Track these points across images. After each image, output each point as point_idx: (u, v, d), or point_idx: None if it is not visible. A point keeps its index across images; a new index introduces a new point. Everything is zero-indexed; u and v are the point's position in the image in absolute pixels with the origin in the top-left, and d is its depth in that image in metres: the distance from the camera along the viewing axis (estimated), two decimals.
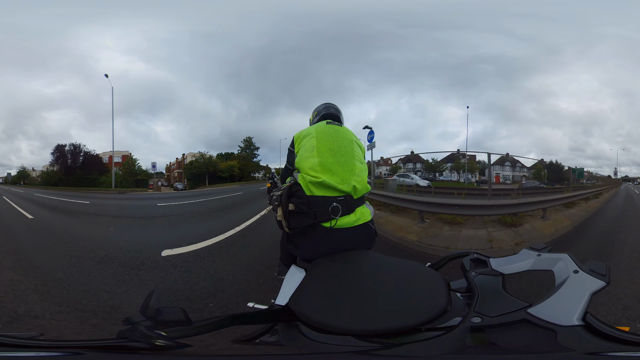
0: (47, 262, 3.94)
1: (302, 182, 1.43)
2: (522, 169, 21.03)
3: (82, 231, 6.29)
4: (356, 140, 1.67)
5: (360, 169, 1.52)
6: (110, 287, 3.07)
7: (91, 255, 4.22)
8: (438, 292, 0.90)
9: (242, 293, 2.91)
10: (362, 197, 1.51)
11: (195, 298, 2.81)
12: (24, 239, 5.42)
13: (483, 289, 0.87)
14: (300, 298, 0.98)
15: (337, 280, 1.10)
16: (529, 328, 0.71)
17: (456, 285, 0.98)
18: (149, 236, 5.84)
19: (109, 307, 2.64)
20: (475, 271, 0.96)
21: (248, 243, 4.91)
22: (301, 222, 1.36)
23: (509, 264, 0.96)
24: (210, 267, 3.70)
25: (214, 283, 3.18)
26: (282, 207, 1.38)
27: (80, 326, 2.33)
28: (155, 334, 0.74)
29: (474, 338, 0.74)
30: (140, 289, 3.07)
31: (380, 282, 1.03)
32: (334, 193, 1.40)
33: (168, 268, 3.66)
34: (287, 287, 1.19)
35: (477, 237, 5.48)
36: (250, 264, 3.84)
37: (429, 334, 0.79)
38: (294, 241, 1.46)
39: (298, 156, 1.59)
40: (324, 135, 1.58)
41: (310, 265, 1.26)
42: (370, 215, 1.52)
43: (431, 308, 0.84)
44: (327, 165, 1.45)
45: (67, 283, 3.19)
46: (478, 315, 0.78)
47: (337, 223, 1.37)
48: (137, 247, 4.68)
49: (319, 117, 1.92)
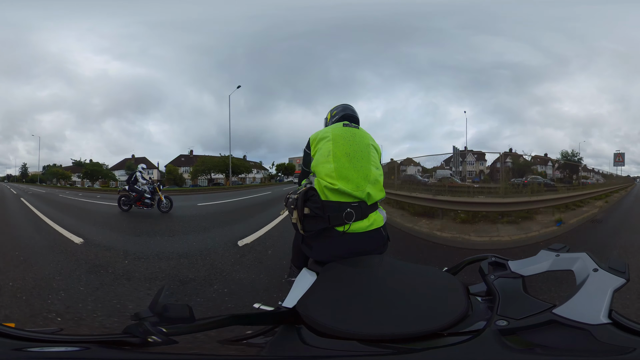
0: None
1: (318, 186, 1.46)
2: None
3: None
4: (373, 143, 1.67)
5: (375, 174, 1.54)
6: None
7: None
8: (457, 296, 0.89)
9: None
10: (375, 203, 1.53)
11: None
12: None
13: (504, 291, 0.87)
14: (309, 301, 0.97)
15: (349, 284, 1.09)
16: (559, 328, 0.71)
17: (475, 290, 0.97)
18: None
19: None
20: (495, 274, 0.95)
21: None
22: (316, 225, 1.41)
23: (528, 266, 0.95)
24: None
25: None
26: (298, 210, 1.42)
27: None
28: (156, 330, 0.75)
29: (509, 340, 0.72)
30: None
31: (395, 287, 1.02)
32: (349, 199, 1.44)
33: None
34: (296, 290, 1.19)
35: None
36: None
37: (453, 338, 0.77)
38: (308, 243, 1.51)
39: (314, 160, 1.61)
40: (341, 138, 1.58)
41: (322, 269, 1.26)
42: (383, 221, 1.54)
43: (452, 312, 0.82)
44: (343, 171, 1.47)
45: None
46: (503, 318, 0.77)
47: (350, 228, 1.41)
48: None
49: (336, 117, 1.91)
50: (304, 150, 1.78)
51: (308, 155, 1.72)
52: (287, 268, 2.76)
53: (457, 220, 7.09)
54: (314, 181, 1.52)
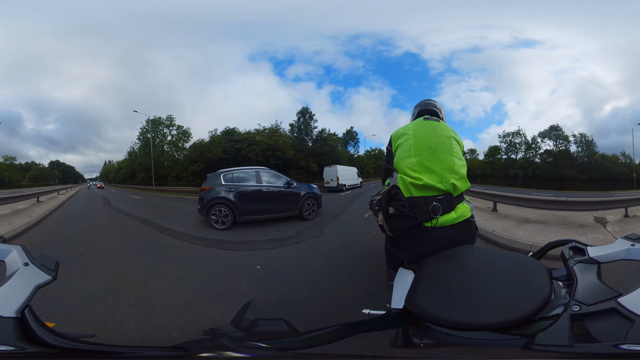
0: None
1: (401, 183, 1.45)
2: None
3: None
4: (454, 135, 1.64)
5: (459, 165, 1.50)
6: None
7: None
8: (542, 281, 0.94)
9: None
10: (461, 194, 1.51)
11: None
12: None
13: (581, 277, 0.90)
14: (417, 299, 0.98)
15: (447, 277, 1.11)
16: (616, 317, 0.73)
17: (557, 274, 1.02)
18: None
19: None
20: (575, 259, 0.98)
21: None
22: (402, 224, 1.38)
23: (605, 252, 0.97)
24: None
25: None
26: (383, 211, 1.39)
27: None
28: (248, 345, 0.74)
29: (575, 327, 0.75)
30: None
31: (489, 275, 1.06)
32: (434, 192, 1.42)
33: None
34: (399, 290, 1.21)
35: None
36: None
37: (543, 323, 0.81)
38: (397, 244, 1.49)
39: (396, 156, 1.61)
40: (422, 133, 1.58)
41: (417, 266, 1.27)
42: (470, 212, 1.52)
43: (538, 297, 0.87)
44: (426, 164, 1.46)
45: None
46: (577, 304, 0.80)
47: (438, 222, 1.38)
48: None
49: (417, 113, 1.93)
50: (387, 148, 1.79)
51: (390, 153, 1.71)
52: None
53: None
54: (396, 179, 1.50)
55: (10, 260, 0.84)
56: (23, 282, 0.77)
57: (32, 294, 0.76)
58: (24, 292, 0.75)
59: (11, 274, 0.79)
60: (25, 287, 0.76)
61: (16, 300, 0.73)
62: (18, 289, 0.75)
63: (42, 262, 0.85)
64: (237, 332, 0.79)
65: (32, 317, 0.73)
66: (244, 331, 0.80)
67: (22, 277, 0.78)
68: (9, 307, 0.71)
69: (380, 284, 2.54)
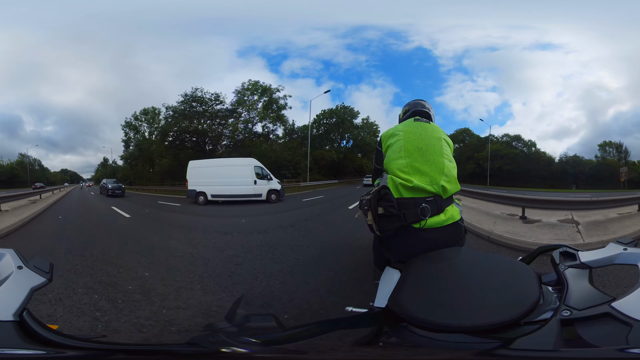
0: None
1: (391, 184, 1.45)
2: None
3: None
4: (445, 137, 1.63)
5: (449, 167, 1.51)
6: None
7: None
8: (530, 286, 0.92)
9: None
10: (450, 197, 1.51)
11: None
12: None
13: (572, 282, 0.89)
14: (400, 299, 0.98)
15: (433, 278, 1.11)
16: (611, 322, 0.72)
17: (547, 279, 1.01)
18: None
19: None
20: (565, 264, 0.98)
21: None
22: (391, 224, 1.37)
23: (597, 257, 0.97)
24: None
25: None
26: (372, 211, 1.39)
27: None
28: (240, 340, 0.75)
29: (565, 332, 0.74)
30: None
31: (476, 278, 1.06)
32: (423, 194, 1.42)
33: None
34: (384, 289, 1.22)
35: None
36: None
37: (528, 327, 0.80)
38: (386, 244, 1.49)
39: (386, 157, 1.60)
40: (412, 134, 1.57)
41: (404, 266, 1.27)
42: (459, 215, 1.52)
43: (525, 302, 0.85)
44: (416, 165, 1.46)
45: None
46: (567, 309, 0.79)
47: (427, 223, 1.38)
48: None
49: (408, 114, 1.91)
50: (376, 148, 1.77)
51: (380, 153, 1.70)
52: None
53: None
54: (386, 179, 1.49)
55: (2, 265, 0.86)
56: (18, 285, 0.78)
57: (28, 297, 0.77)
58: (20, 295, 0.76)
59: (5, 278, 0.80)
60: (21, 291, 0.77)
61: (12, 304, 0.73)
62: (13, 293, 0.76)
63: (36, 265, 0.86)
64: (231, 327, 0.81)
65: (31, 319, 0.74)
66: (237, 326, 0.82)
67: (16, 281, 0.79)
68: (6, 310, 0.71)
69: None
